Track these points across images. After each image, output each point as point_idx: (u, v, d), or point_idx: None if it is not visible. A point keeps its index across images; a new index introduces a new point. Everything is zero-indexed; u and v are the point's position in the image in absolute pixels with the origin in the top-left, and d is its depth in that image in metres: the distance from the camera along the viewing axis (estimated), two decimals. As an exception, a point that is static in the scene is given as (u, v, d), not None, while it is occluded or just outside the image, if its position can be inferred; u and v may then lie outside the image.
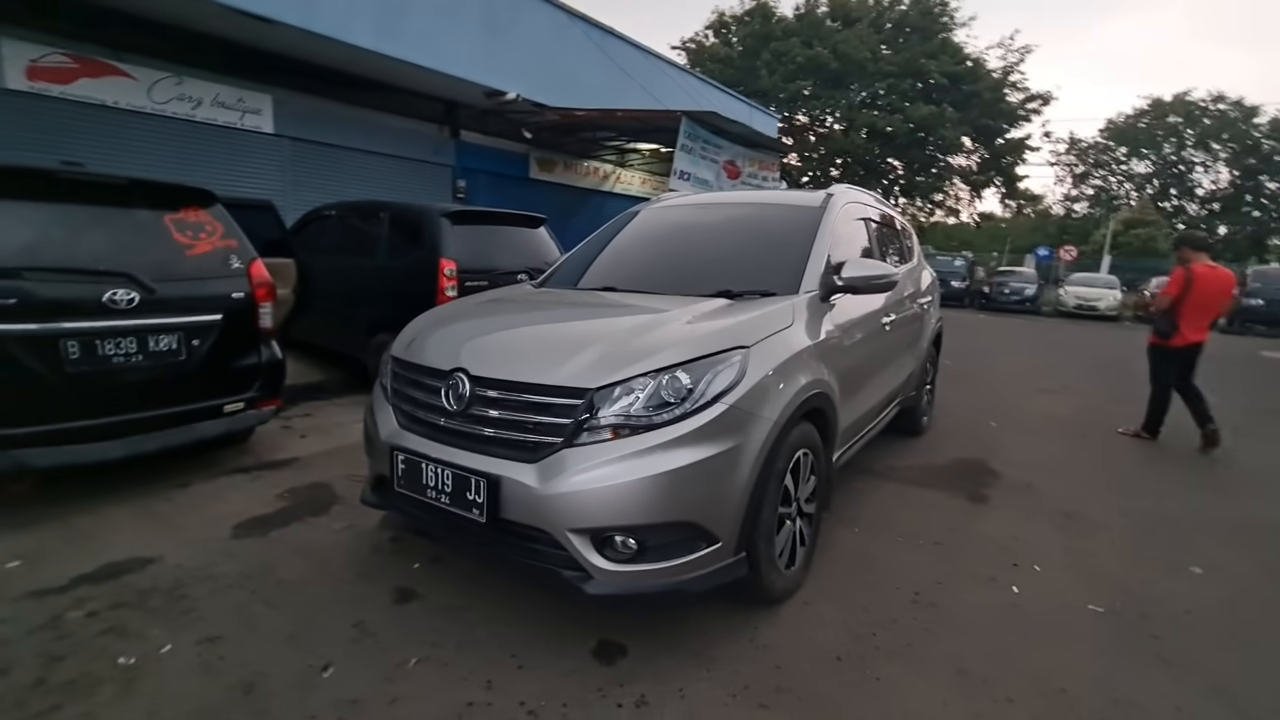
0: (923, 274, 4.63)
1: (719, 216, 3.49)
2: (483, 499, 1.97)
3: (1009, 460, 4.30)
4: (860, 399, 3.16)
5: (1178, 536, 3.17)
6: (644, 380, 1.97)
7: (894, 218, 4.38)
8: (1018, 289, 20.03)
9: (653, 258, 3.31)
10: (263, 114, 7.89)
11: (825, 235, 2.97)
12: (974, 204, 33.55)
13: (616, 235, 3.61)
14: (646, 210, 3.80)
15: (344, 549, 2.71)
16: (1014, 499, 3.60)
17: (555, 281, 3.38)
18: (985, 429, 5.11)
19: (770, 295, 2.63)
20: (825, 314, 2.73)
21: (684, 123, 8.96)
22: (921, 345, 4.36)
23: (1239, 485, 4.01)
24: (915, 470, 4.01)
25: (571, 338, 2.23)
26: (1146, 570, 2.80)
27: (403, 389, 2.38)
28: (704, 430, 1.94)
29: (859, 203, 3.60)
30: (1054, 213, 43.95)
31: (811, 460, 2.50)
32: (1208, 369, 5.13)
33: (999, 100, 28.93)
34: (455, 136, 10.42)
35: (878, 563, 2.77)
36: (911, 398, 4.36)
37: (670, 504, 1.90)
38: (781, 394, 2.18)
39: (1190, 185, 39.69)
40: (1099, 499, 3.64)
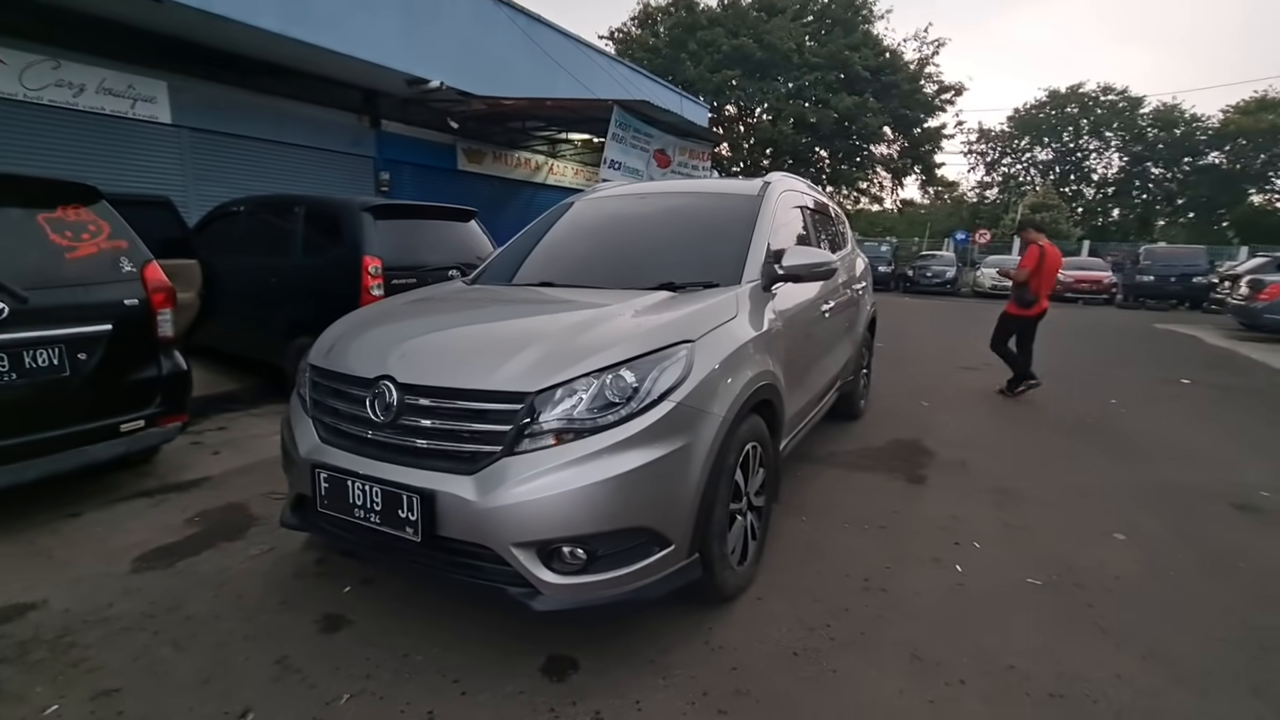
0: (856, 260, 4.70)
1: (656, 207, 3.41)
2: (417, 516, 1.82)
3: (942, 439, 4.43)
4: (804, 387, 3.15)
5: (1100, 505, 3.34)
6: (587, 381, 1.86)
7: (828, 205, 4.42)
8: (939, 272, 20.98)
9: (590, 251, 3.19)
10: (157, 102, 7.23)
11: (765, 224, 2.93)
12: (896, 191, 34.88)
13: (551, 228, 3.47)
14: (582, 201, 3.67)
15: (263, 576, 2.48)
16: (950, 478, 3.70)
17: (488, 278, 3.22)
18: (918, 409, 5.27)
19: (713, 286, 2.56)
20: (768, 303, 2.69)
21: (616, 112, 8.83)
22: (858, 330, 4.42)
23: (1146, 452, 4.28)
24: (855, 454, 4.07)
25: (508, 338, 2.09)
26: (1076, 540, 2.92)
27: (323, 400, 2.18)
28: (652, 430, 1.85)
29: (795, 190, 3.59)
30: (968, 199, 46.35)
31: (760, 452, 2.46)
32: (1115, 343, 5.41)
33: (916, 91, 30.08)
34: (376, 127, 9.92)
35: (826, 551, 2.77)
36: (850, 382, 4.43)
37: (620, 510, 1.80)
38: (730, 388, 2.11)
39: (1087, 171, 42.65)
40: (1027, 473, 3.80)
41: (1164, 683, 1.94)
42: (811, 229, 3.68)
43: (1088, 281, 18.71)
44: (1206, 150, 37.95)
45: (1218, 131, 36.98)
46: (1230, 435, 4.74)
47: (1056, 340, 9.90)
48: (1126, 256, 22.45)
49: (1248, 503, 3.42)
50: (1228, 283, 12.33)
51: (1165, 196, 40.70)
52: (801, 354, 3.06)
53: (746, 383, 2.22)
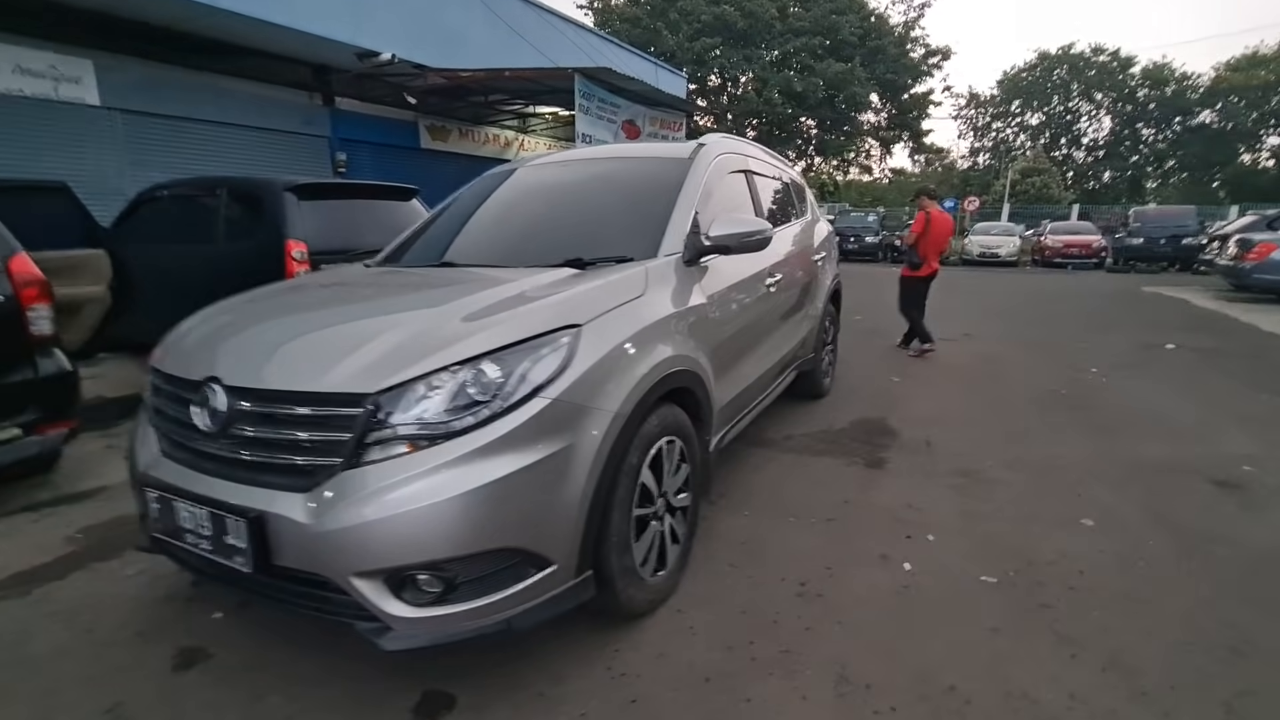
0: (816, 229, 4.39)
1: (581, 175, 3.10)
2: (245, 543, 1.55)
3: (909, 417, 4.18)
4: (744, 370, 2.88)
5: (1069, 486, 3.09)
6: (442, 377, 1.57)
7: (781, 170, 4.10)
8: (926, 240, 20.62)
9: (501, 225, 2.88)
10: (83, 83, 6.81)
11: (691, 190, 2.63)
12: (884, 160, 34.37)
13: (469, 200, 3.16)
14: (510, 170, 3.35)
15: (129, 602, 2.21)
16: (912, 460, 3.45)
17: (392, 258, 2.92)
18: (888, 385, 5.01)
19: (627, 261, 2.27)
20: (693, 279, 2.40)
21: (578, 80, 8.42)
22: (817, 304, 4.13)
23: (1123, 425, 4.03)
24: (813, 437, 3.81)
25: (360, 330, 1.79)
26: (1040, 529, 2.67)
27: (161, 406, 1.90)
28: (520, 433, 1.57)
29: (736, 154, 3.28)
30: (959, 165, 45.84)
31: (681, 447, 2.19)
32: (1100, 308, 5.16)
33: (903, 55, 29.49)
34: (329, 104, 9.48)
35: (765, 550, 2.52)
36: (810, 360, 4.15)
37: (483, 528, 1.53)
38: (626, 378, 1.83)
39: (1077, 134, 42.13)
40: (995, 452, 3.55)
41: (1123, 701, 1.70)
42: (757, 196, 3.37)
43: (1077, 246, 18.42)
44: (1198, 109, 37.46)
45: (1209, 89, 36.49)
46: (1214, 403, 4.50)
47: (1040, 308, 9.66)
48: (1116, 219, 22.14)
49: (1228, 478, 3.17)
50: (1216, 243, 12.06)
51: (1156, 158, 40.30)
52: (741, 334, 2.78)
53: (652, 370, 1.94)
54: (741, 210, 3.17)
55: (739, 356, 2.81)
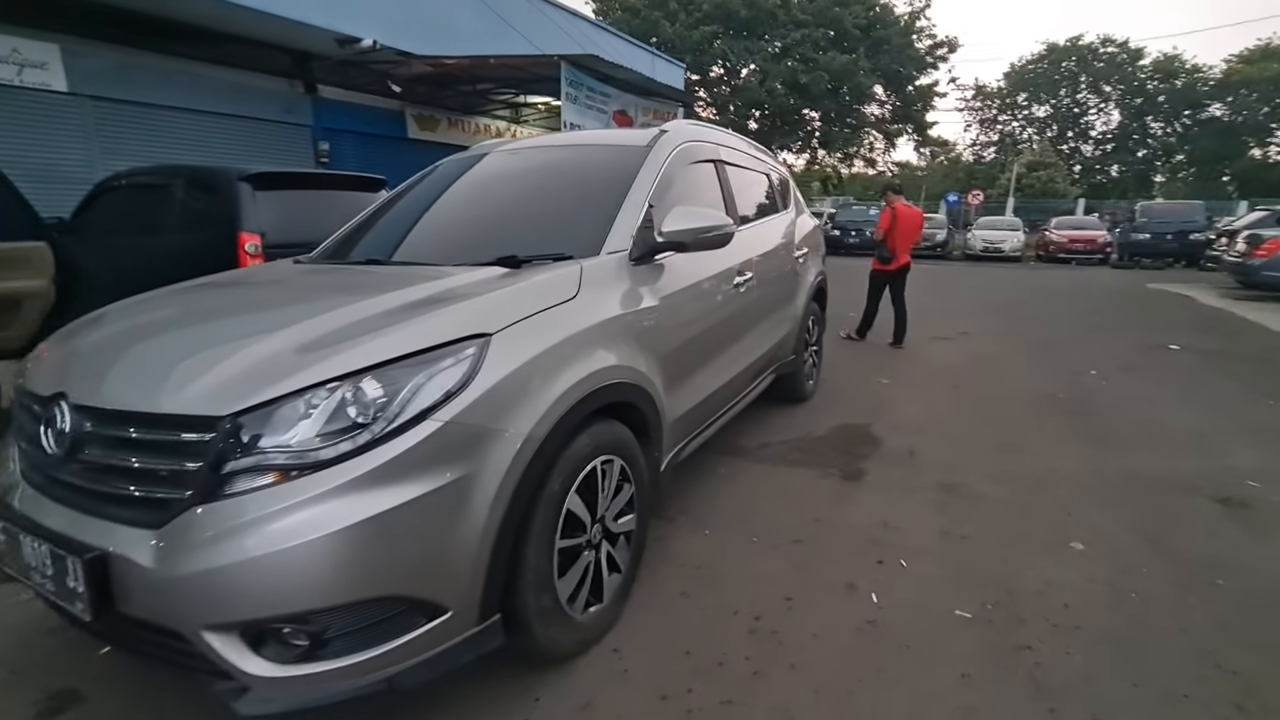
0: (799, 224, 4.15)
1: (533, 164, 2.85)
2: (84, 586, 1.33)
3: (894, 422, 3.95)
4: (708, 377, 2.65)
5: (1059, 503, 2.86)
6: (316, 395, 1.35)
7: (760, 162, 3.86)
8: (928, 235, 20.22)
9: (444, 217, 2.65)
10: (49, 68, 6.58)
11: (645, 182, 2.39)
12: (888, 153, 33.91)
13: (418, 190, 2.93)
14: (470, 158, 3.11)
15: (8, 634, 2.01)
16: (893, 472, 3.22)
17: (327, 253, 2.69)
18: (875, 388, 4.78)
19: (565, 260, 2.04)
20: (643, 280, 2.18)
21: (564, 68, 8.16)
22: (797, 304, 3.90)
23: (1121, 434, 3.80)
24: (790, 445, 3.59)
25: (230, 340, 1.56)
26: (1024, 553, 2.44)
27: (21, 423, 1.68)
28: (405, 461, 1.35)
29: (705, 143, 3.04)
30: (965, 159, 45.31)
31: (623, 467, 1.97)
32: (1103, 305, 4.92)
33: (908, 46, 28.98)
34: (311, 92, 9.22)
35: (723, 576, 2.30)
36: (790, 363, 3.92)
37: (359, 573, 1.31)
38: (545, 395, 1.61)
39: (1085, 128, 41.55)
40: (982, 463, 3.32)
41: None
42: (729, 189, 3.13)
43: (1081, 241, 18.08)
44: (1208, 102, 36.82)
45: (1220, 82, 35.85)
46: (1218, 410, 4.25)
47: (1042, 305, 9.40)
48: (1123, 214, 21.77)
49: (1233, 495, 2.94)
50: (1224, 239, 11.74)
51: (1165, 151, 39.72)
52: (703, 338, 2.55)
53: (581, 383, 1.71)
54: (708, 204, 2.94)
55: (701, 362, 2.58)
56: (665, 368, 2.23)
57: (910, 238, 6.13)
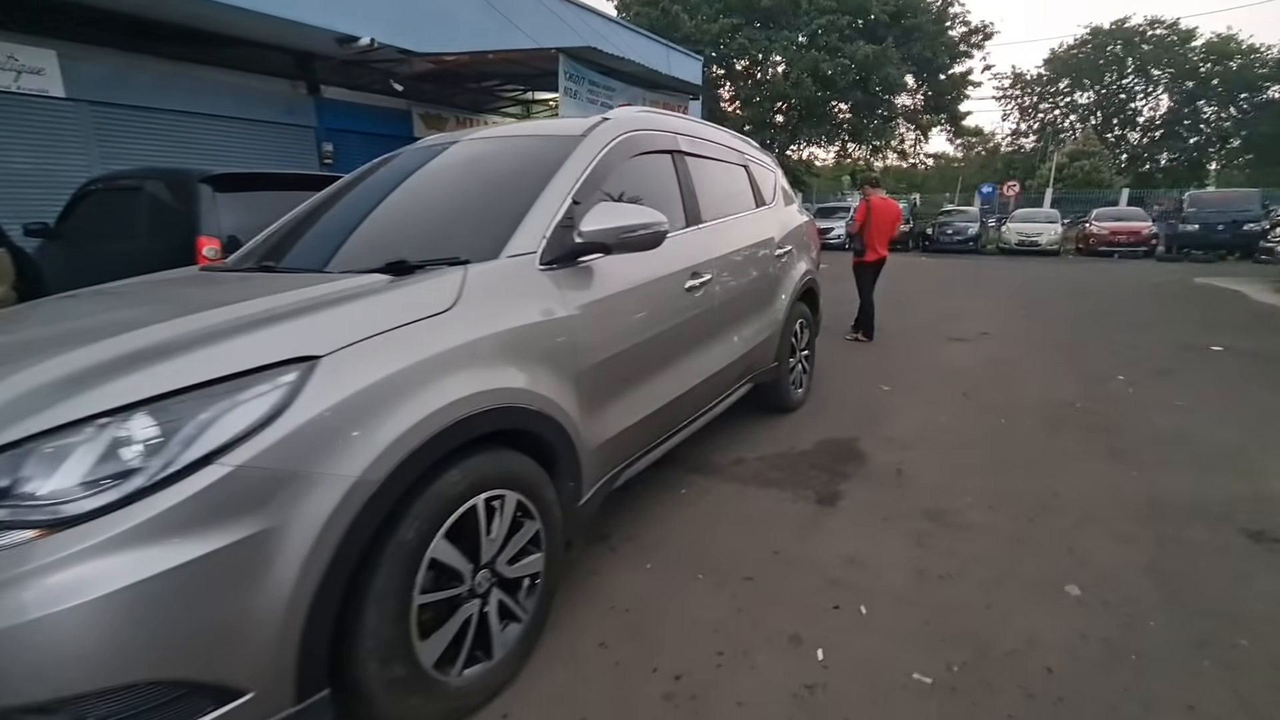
0: (781, 219, 3.82)
1: (464, 157, 2.60)
2: None
3: (886, 436, 3.60)
4: (649, 394, 2.37)
5: (1060, 536, 2.50)
6: (74, 434, 1.13)
7: (736, 152, 3.54)
8: (961, 229, 19.56)
9: (354, 217, 2.41)
10: (46, 74, 6.61)
11: (570, 176, 2.13)
12: (919, 145, 32.84)
13: (344, 188, 2.72)
14: (406, 151, 2.90)
15: None
16: (874, 495, 2.89)
17: (241, 257, 2.50)
18: (874, 395, 4.42)
19: (459, 264, 1.79)
20: (557, 286, 1.92)
21: (561, 61, 7.91)
22: (778, 306, 3.58)
23: (1144, 450, 3.38)
24: (767, 462, 3.28)
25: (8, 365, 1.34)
26: (1010, 599, 2.11)
27: None
28: (182, 516, 1.11)
29: (658, 131, 2.75)
30: (1002, 149, 43.76)
31: (520, 501, 1.71)
32: (1143, 301, 4.48)
33: (941, 34, 28.00)
34: (314, 93, 9.17)
35: (653, 623, 2.02)
36: (771, 370, 3.61)
37: (118, 653, 1.08)
38: (387, 427, 1.35)
39: (1132, 114, 39.68)
40: (977, 484, 2.96)
41: None
42: (687, 183, 2.84)
43: (1124, 233, 17.16)
44: (1267, 84, 34.70)
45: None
46: (1262, 423, 3.78)
47: (1075, 302, 8.82)
48: (1171, 204, 20.62)
49: (1266, 528, 2.54)
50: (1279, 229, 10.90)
51: (1219, 137, 37.59)
52: (642, 350, 2.27)
53: (445, 410, 1.46)
54: (659, 200, 2.66)
55: (640, 377, 2.31)
56: (585, 386, 1.97)
57: (886, 231, 6.07)
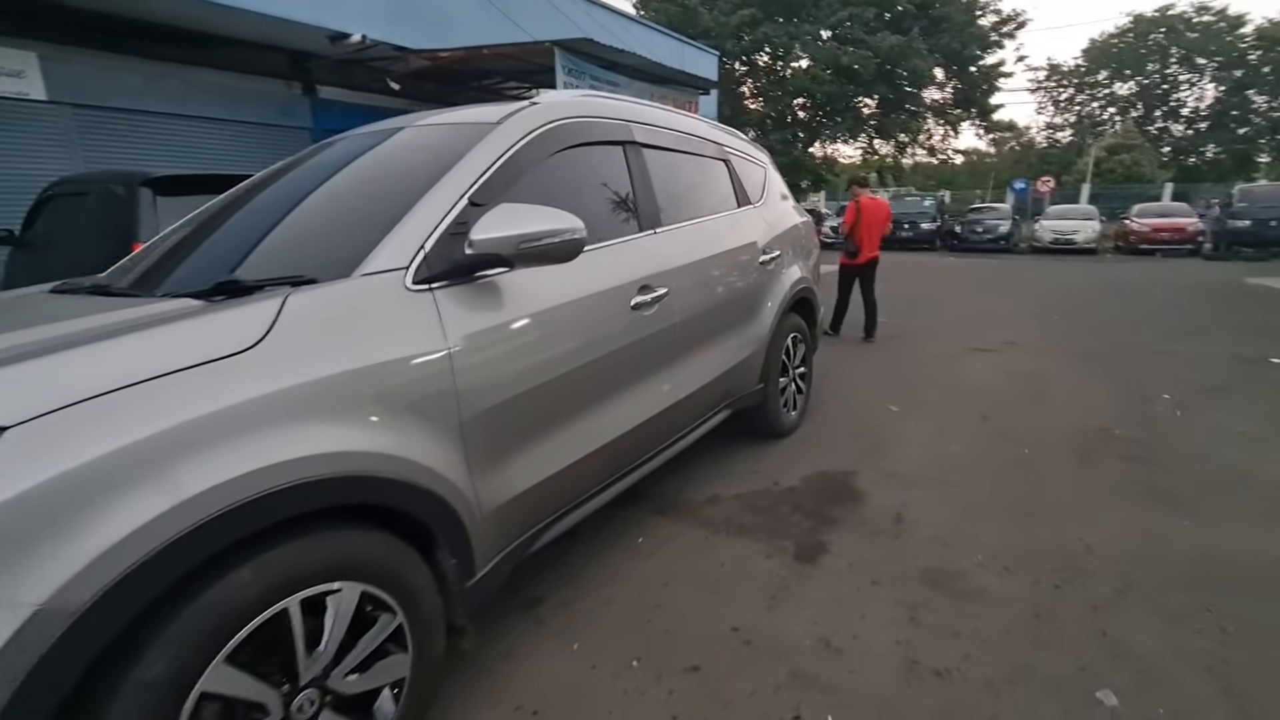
0: (772, 220, 3.37)
1: (368, 149, 2.20)
2: None
3: (888, 470, 3.12)
4: (576, 438, 1.94)
5: (1091, 613, 2.01)
6: None
7: (709, 143, 3.10)
8: (991, 227, 18.71)
9: (223, 226, 2.04)
10: (27, 76, 6.43)
11: (466, 172, 1.73)
12: (947, 140, 31.73)
13: (241, 188, 2.36)
14: (321, 144, 2.55)
15: None
16: (865, 549, 2.43)
17: (111, 274, 2.15)
18: (880, 417, 3.93)
19: (305, 284, 1.40)
20: (438, 309, 1.51)
21: (558, 55, 7.54)
22: (762, 321, 3.13)
23: (1198, 488, 2.86)
24: (745, 502, 2.83)
25: None
26: (1022, 710, 1.64)
27: None
28: None
29: (601, 119, 2.32)
30: (1038, 144, 42.29)
31: (368, 593, 1.32)
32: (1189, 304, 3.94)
33: (970, 23, 27.01)
34: (310, 93, 8.94)
35: (560, 732, 1.61)
36: (755, 394, 3.17)
37: None
38: (108, 524, 0.96)
39: (1175, 106, 37.97)
40: (990, 535, 2.48)
41: None
42: (642, 181, 2.42)
43: (1167, 230, 16.18)
44: (1322, 71, 32.84)
45: (1338, 47, 31.91)
46: (1338, 454, 3.22)
47: (1113, 305, 8.16)
48: (1219, 199, 19.46)
49: (1363, 606, 2.02)
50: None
51: (1271, 128, 35.70)
52: (562, 387, 1.85)
53: (212, 493, 1.06)
54: (600, 199, 2.25)
55: (565, 416, 1.89)
56: (476, 436, 1.56)
57: (877, 231, 6.06)
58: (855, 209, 5.97)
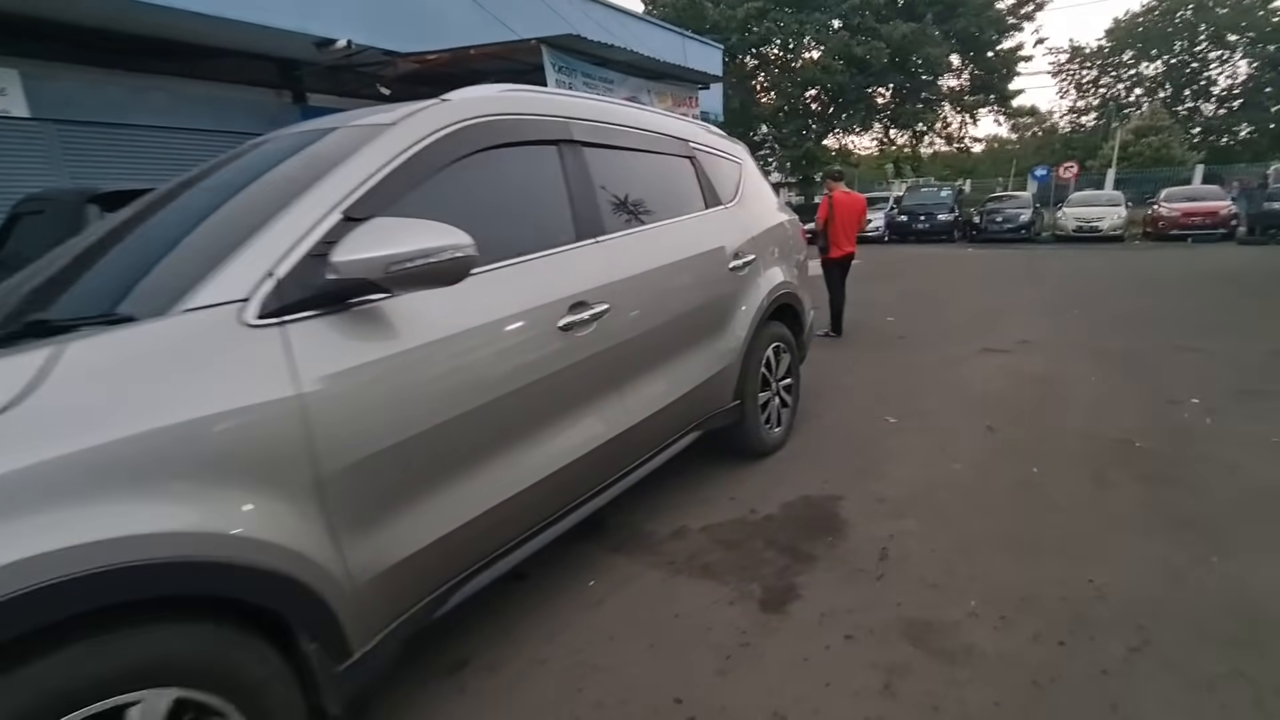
0: (747, 221, 3.08)
1: (260, 157, 1.97)
2: None
3: (878, 494, 2.83)
4: (489, 484, 1.70)
5: (1104, 675, 1.70)
6: None
7: (676, 139, 2.82)
8: (1012, 216, 18.09)
9: (90, 246, 1.81)
10: (9, 94, 6.37)
11: (342, 182, 1.49)
12: (964, 128, 30.85)
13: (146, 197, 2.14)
14: (240, 148, 2.31)
15: None
16: (841, 593, 2.14)
17: None
18: (876, 429, 3.62)
19: (121, 323, 1.17)
20: (284, 349, 1.27)
21: (545, 52, 7.31)
22: (735, 332, 2.84)
23: (1231, 514, 2.52)
24: (714, 534, 2.56)
25: None
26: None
27: None
28: None
29: (534, 115, 2.08)
30: (1061, 128, 41.12)
31: (181, 699, 1.08)
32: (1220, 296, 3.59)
33: (987, 7, 26.24)
34: (301, 101, 8.82)
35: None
36: (729, 411, 2.89)
37: None
38: None
39: (1205, 84, 36.60)
40: (986, 576, 2.18)
41: None
42: (581, 185, 2.15)
43: (1199, 214, 15.48)
44: (1362, 43, 31.38)
45: (1380, 17, 30.45)
46: (1394, 469, 2.84)
47: (1139, 297, 7.70)
48: (1253, 180, 18.62)
49: None
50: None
51: (1308, 104, 34.25)
52: (463, 427, 1.60)
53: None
54: (532, 207, 2.00)
55: (471, 459, 1.64)
56: (342, 494, 1.32)
57: (851, 226, 5.95)
58: (828, 204, 5.80)
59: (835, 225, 5.84)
